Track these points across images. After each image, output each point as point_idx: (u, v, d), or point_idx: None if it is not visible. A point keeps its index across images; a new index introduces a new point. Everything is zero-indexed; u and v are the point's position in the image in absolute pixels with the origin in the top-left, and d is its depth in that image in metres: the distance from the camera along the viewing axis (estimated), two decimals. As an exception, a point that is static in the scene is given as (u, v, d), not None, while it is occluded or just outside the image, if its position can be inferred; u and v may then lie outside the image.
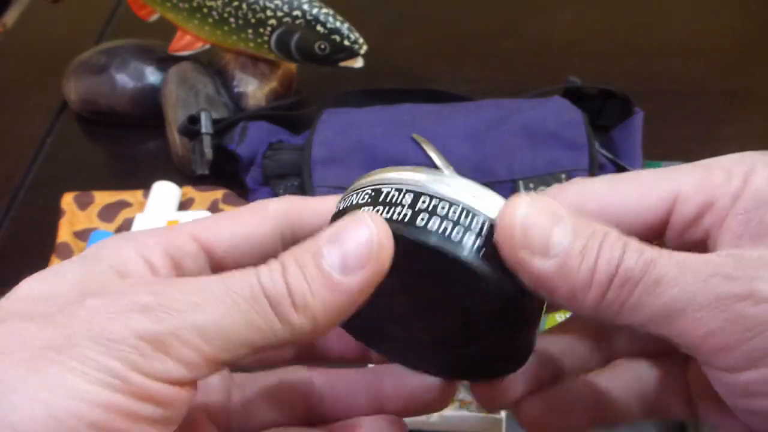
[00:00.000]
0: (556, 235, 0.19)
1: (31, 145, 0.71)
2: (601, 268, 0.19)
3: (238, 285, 0.19)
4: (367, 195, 0.21)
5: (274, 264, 0.19)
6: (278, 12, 0.60)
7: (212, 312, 0.18)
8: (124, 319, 0.17)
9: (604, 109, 0.66)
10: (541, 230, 0.19)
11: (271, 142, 0.61)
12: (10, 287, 0.51)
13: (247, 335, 0.18)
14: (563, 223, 0.19)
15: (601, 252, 0.19)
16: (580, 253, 0.19)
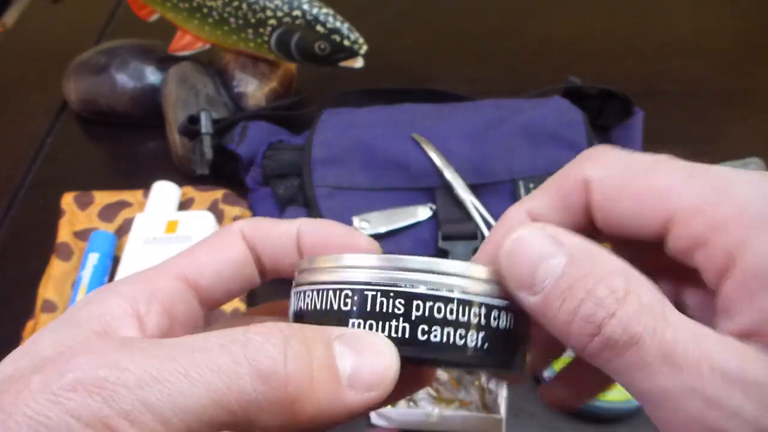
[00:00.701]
0: (545, 271, 0.18)
1: (31, 145, 0.71)
2: (578, 323, 0.18)
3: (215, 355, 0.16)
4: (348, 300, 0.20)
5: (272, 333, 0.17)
6: (278, 12, 0.60)
7: (173, 389, 0.16)
8: (68, 402, 0.15)
9: (604, 109, 0.66)
10: (531, 262, 0.18)
11: (271, 142, 0.61)
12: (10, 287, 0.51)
13: (213, 415, 0.16)
14: (558, 257, 0.18)
15: (584, 303, 0.17)
16: (565, 296, 0.18)
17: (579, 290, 0.18)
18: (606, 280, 0.18)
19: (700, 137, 0.68)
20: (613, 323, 0.17)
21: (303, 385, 0.17)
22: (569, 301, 0.18)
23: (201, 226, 0.57)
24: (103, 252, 0.57)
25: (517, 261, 0.19)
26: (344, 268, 0.20)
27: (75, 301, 0.53)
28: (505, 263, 0.19)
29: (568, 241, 0.19)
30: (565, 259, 0.18)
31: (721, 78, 0.74)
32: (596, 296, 0.17)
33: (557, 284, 0.18)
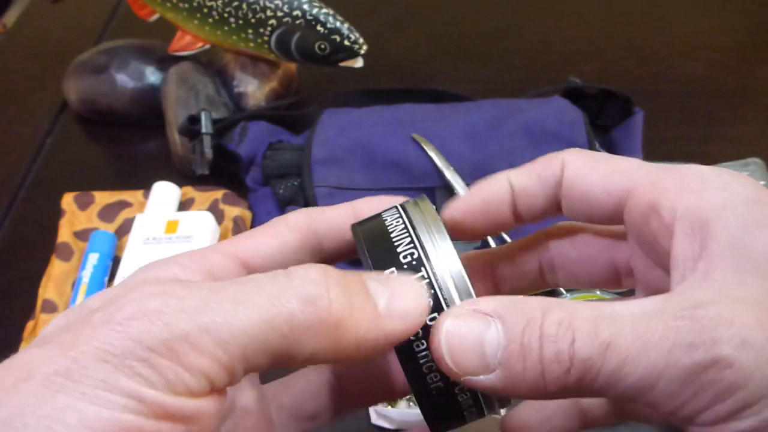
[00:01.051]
0: (488, 345, 0.18)
1: (31, 145, 0.71)
2: (551, 367, 0.18)
3: (263, 285, 0.18)
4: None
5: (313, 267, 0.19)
6: (278, 12, 0.60)
7: (227, 313, 0.17)
8: (130, 328, 0.16)
9: (604, 109, 0.66)
10: (470, 346, 0.18)
11: (271, 142, 0.61)
12: (10, 287, 0.51)
13: (268, 341, 0.17)
14: (492, 326, 0.18)
15: (543, 349, 0.18)
16: (520, 356, 0.18)
17: (531, 342, 0.18)
18: (546, 319, 0.18)
19: (700, 137, 0.67)
20: (579, 345, 0.18)
21: (345, 310, 0.18)
22: (529, 357, 0.18)
23: (201, 226, 0.57)
24: (103, 252, 0.57)
25: (459, 353, 0.19)
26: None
27: (75, 301, 0.53)
28: (451, 361, 0.19)
29: (490, 307, 0.19)
30: (500, 325, 0.18)
31: (721, 78, 0.74)
32: (549, 336, 0.18)
33: (508, 350, 0.18)
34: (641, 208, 0.21)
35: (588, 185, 0.23)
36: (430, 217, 0.22)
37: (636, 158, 0.23)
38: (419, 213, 0.22)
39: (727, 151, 0.64)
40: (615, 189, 0.22)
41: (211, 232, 0.57)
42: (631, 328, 0.18)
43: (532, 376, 0.18)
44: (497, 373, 0.18)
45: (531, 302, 0.19)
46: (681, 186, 0.21)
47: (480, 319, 0.19)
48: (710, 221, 0.19)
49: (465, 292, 0.20)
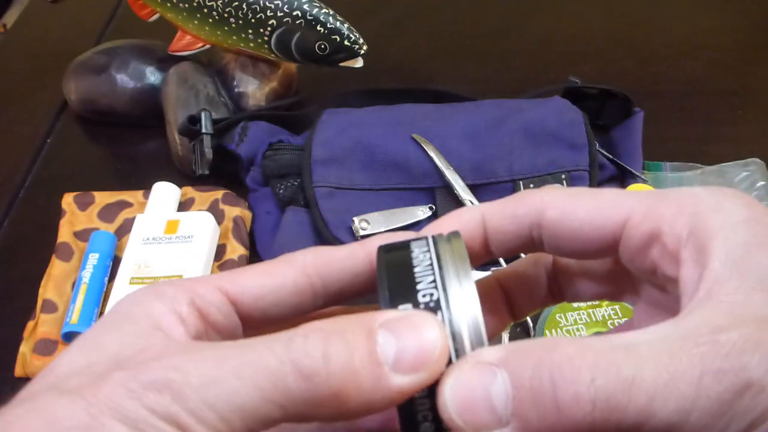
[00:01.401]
0: (496, 397, 0.17)
1: (31, 145, 0.71)
2: (570, 411, 0.17)
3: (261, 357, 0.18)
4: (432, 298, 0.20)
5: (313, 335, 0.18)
6: (278, 12, 0.60)
7: (228, 389, 0.17)
8: (144, 398, 0.17)
9: (604, 109, 0.66)
10: (478, 402, 0.17)
11: (271, 142, 0.61)
12: (10, 287, 0.51)
13: (266, 412, 0.17)
14: (498, 377, 0.17)
15: (558, 392, 0.17)
16: (532, 404, 0.17)
17: (542, 386, 0.17)
18: (555, 358, 0.17)
19: (700, 137, 0.67)
20: (600, 384, 0.17)
21: (346, 379, 0.17)
22: (541, 402, 0.17)
23: (201, 227, 0.57)
24: (103, 252, 0.57)
25: (467, 412, 0.18)
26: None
27: (75, 301, 0.53)
28: (460, 420, 0.18)
29: (493, 356, 0.18)
30: (506, 374, 0.17)
31: (721, 78, 0.74)
32: (562, 378, 0.17)
33: (517, 400, 0.17)
34: (640, 238, 0.21)
35: (576, 222, 0.22)
36: (458, 256, 0.21)
37: (615, 187, 0.22)
38: (449, 250, 0.21)
39: (727, 151, 0.64)
40: (608, 222, 0.22)
41: (211, 232, 0.57)
42: (654, 360, 0.17)
43: (549, 423, 0.17)
44: (512, 426, 0.17)
45: (536, 344, 0.18)
46: (678, 210, 0.20)
47: (484, 371, 0.17)
48: (709, 244, 0.19)
49: (478, 343, 0.19)
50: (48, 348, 0.52)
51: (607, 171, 0.60)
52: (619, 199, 0.22)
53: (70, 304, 0.54)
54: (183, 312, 0.21)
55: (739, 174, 0.61)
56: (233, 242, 0.58)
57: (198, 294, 0.22)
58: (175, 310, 0.21)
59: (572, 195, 0.22)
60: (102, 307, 0.55)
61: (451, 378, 0.18)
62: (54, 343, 0.52)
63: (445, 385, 0.18)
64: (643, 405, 0.16)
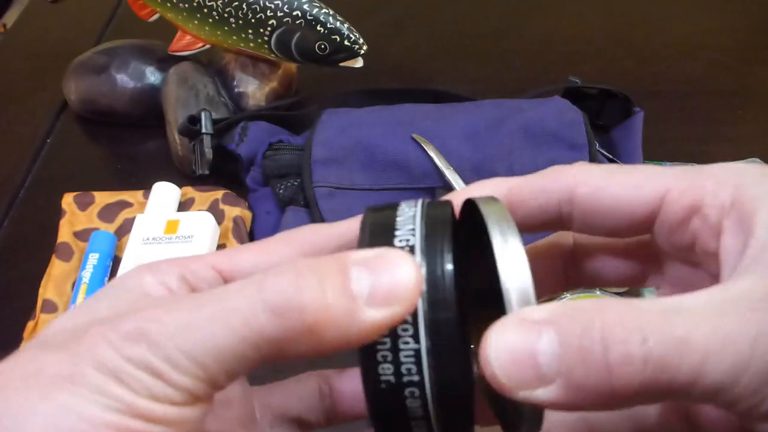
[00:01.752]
0: (542, 355, 0.17)
1: (31, 145, 0.71)
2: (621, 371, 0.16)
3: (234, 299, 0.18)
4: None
5: (285, 272, 0.18)
6: (278, 12, 0.60)
7: (202, 333, 0.17)
8: (121, 348, 0.18)
9: (604, 109, 0.66)
10: (523, 360, 0.17)
11: (271, 142, 0.61)
12: (10, 287, 0.51)
13: (241, 352, 0.18)
14: (544, 335, 0.17)
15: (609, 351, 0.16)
16: (581, 362, 0.16)
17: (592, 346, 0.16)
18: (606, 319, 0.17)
19: (700, 137, 0.67)
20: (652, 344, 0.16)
21: (319, 313, 0.17)
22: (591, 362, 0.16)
23: (201, 227, 0.57)
24: (103, 252, 0.57)
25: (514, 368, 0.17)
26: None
27: (75, 301, 0.53)
28: (503, 376, 0.17)
29: (540, 315, 0.17)
30: (553, 333, 0.17)
31: (721, 78, 0.74)
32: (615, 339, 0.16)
33: (564, 358, 0.17)
34: (679, 211, 0.21)
35: (611, 199, 0.22)
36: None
37: (639, 163, 0.22)
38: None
39: (727, 151, 0.64)
40: (645, 197, 0.21)
41: (211, 232, 0.57)
42: (707, 320, 0.17)
43: (597, 383, 0.16)
44: (558, 384, 0.17)
45: (586, 305, 0.17)
46: (719, 182, 0.21)
47: (531, 329, 0.17)
48: (754, 213, 0.19)
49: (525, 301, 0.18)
50: (48, 348, 0.52)
51: (607, 171, 0.60)
52: (655, 174, 0.22)
53: (70, 304, 0.54)
54: (173, 285, 0.21)
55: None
56: (233, 242, 0.58)
57: (190, 270, 0.22)
58: (165, 282, 0.21)
59: (606, 171, 0.22)
60: (102, 307, 0.55)
61: (494, 333, 0.17)
62: (54, 343, 0.52)
63: (487, 340, 0.17)
64: (696, 364, 0.16)
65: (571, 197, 0.22)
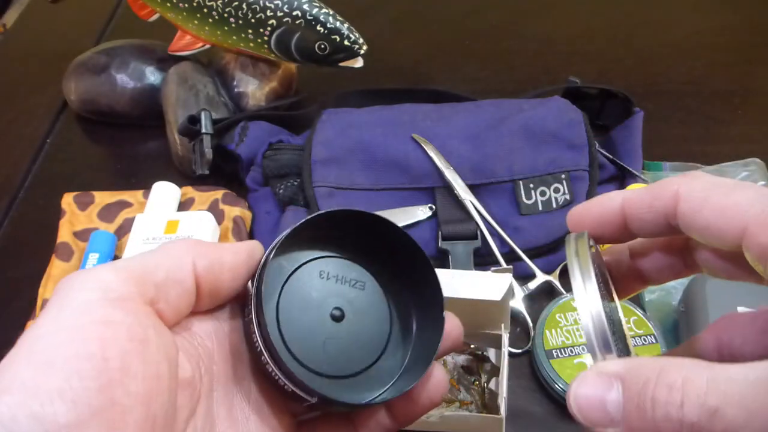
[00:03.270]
0: (610, 404, 0.21)
1: (31, 145, 0.71)
2: (663, 426, 0.19)
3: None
4: None
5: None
6: (278, 12, 0.60)
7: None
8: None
9: (604, 109, 0.66)
10: (595, 405, 0.21)
11: (271, 142, 0.61)
12: (10, 287, 0.51)
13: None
14: (614, 388, 0.21)
15: (656, 409, 0.20)
16: (637, 415, 0.20)
17: (645, 404, 0.20)
18: (659, 381, 0.20)
19: (700, 137, 0.68)
20: (687, 410, 0.19)
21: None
22: (644, 416, 0.20)
23: (201, 227, 0.57)
24: (103, 252, 0.57)
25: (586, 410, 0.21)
26: None
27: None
28: (581, 417, 0.21)
29: (613, 369, 0.21)
30: (620, 386, 0.21)
31: (721, 78, 0.74)
32: (660, 400, 0.19)
33: (626, 410, 0.20)
34: (756, 249, 0.22)
35: (703, 220, 0.23)
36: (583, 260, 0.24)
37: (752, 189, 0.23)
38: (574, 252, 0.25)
39: (727, 151, 0.64)
40: (729, 227, 0.23)
41: (211, 232, 0.57)
42: (740, 397, 0.18)
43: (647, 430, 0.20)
44: (622, 428, 0.21)
45: (650, 364, 0.20)
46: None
47: (603, 382, 0.21)
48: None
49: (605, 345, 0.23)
50: (48, 348, 0.52)
51: (607, 171, 0.60)
52: (744, 204, 0.22)
53: (70, 304, 0.54)
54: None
55: (739, 174, 0.61)
56: (233, 242, 0.58)
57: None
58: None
59: (705, 189, 0.24)
60: (102, 307, 0.55)
61: (576, 383, 0.22)
62: (54, 343, 0.52)
63: (571, 388, 0.22)
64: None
65: (675, 213, 0.24)
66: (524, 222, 0.56)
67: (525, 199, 0.57)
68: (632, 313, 0.51)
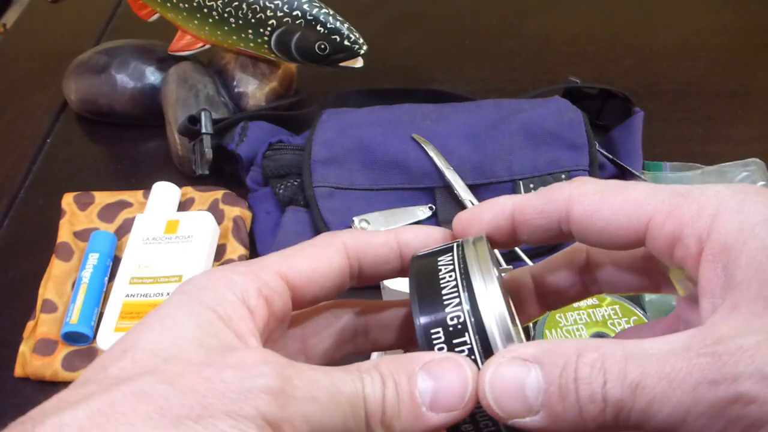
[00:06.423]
0: (529, 390, 0.20)
1: (31, 145, 0.71)
2: (587, 407, 0.19)
3: (346, 388, 0.20)
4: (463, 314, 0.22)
5: (375, 375, 0.21)
6: (278, 12, 0.60)
7: (322, 408, 0.19)
8: (255, 399, 0.19)
9: (604, 109, 0.66)
10: (513, 392, 0.20)
11: (271, 142, 0.61)
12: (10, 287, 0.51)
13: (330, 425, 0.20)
14: (531, 372, 0.20)
15: (579, 391, 0.19)
16: (559, 398, 0.19)
17: (568, 384, 0.19)
18: (580, 362, 0.19)
19: (700, 137, 0.67)
20: (610, 388, 0.19)
21: (393, 415, 0.20)
22: (567, 398, 0.19)
23: (201, 227, 0.57)
24: (103, 252, 0.57)
25: (503, 399, 0.20)
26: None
27: (75, 300, 0.53)
28: (496, 406, 0.20)
29: (529, 353, 0.20)
30: (539, 370, 0.20)
31: (721, 78, 0.74)
32: (583, 379, 0.19)
33: (547, 394, 0.19)
34: (663, 239, 0.22)
35: (601, 220, 0.23)
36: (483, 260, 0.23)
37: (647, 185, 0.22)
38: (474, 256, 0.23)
39: (727, 151, 0.64)
40: (631, 222, 0.22)
41: (211, 232, 0.57)
42: (658, 368, 0.19)
43: (572, 416, 0.19)
44: (541, 415, 0.20)
45: (567, 345, 0.20)
46: (698, 212, 0.21)
47: (520, 365, 0.20)
48: (730, 247, 0.20)
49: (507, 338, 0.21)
50: (48, 348, 0.52)
51: (607, 171, 0.60)
52: (643, 198, 0.22)
53: (70, 304, 0.54)
54: (252, 303, 0.22)
55: (739, 174, 0.61)
56: (233, 242, 0.58)
57: (264, 283, 0.23)
58: (246, 301, 0.22)
59: (599, 191, 0.23)
60: (102, 307, 0.55)
61: (490, 369, 0.20)
62: (54, 343, 0.52)
63: (484, 375, 0.20)
64: (643, 407, 0.18)
65: (568, 218, 0.24)
66: (524, 222, 0.56)
67: (525, 199, 0.57)
68: (632, 313, 0.51)
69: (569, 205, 0.23)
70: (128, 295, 0.54)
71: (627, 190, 0.22)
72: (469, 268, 0.22)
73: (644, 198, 0.22)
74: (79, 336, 0.52)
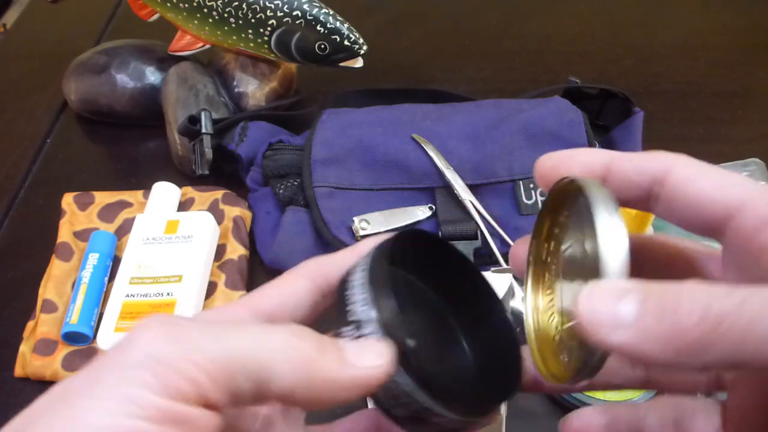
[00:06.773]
0: (623, 310, 0.20)
1: (31, 145, 0.71)
2: (684, 319, 0.19)
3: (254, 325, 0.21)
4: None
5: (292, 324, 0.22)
6: (278, 12, 0.60)
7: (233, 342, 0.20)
8: (147, 346, 0.19)
9: (604, 109, 0.66)
10: (605, 311, 0.20)
11: (271, 142, 0.61)
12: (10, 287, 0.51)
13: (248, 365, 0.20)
14: (629, 296, 0.20)
15: (681, 304, 0.19)
16: (658, 312, 0.19)
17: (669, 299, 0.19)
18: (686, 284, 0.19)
19: (700, 137, 0.68)
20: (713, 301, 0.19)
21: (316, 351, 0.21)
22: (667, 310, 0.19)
23: (201, 227, 0.57)
24: (103, 252, 0.57)
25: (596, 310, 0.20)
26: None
27: (75, 300, 0.53)
28: (586, 321, 0.20)
29: (626, 284, 0.20)
30: (636, 293, 0.20)
31: (721, 78, 0.74)
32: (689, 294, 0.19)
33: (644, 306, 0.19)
34: (753, 222, 0.22)
35: (698, 190, 0.23)
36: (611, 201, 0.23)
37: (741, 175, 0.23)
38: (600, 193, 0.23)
39: (727, 151, 0.64)
40: (727, 199, 0.22)
41: (211, 232, 0.57)
42: (762, 294, 0.18)
43: (664, 330, 0.19)
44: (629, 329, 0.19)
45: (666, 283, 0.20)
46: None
47: (618, 290, 0.20)
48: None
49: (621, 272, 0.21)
50: (48, 348, 0.52)
51: (607, 171, 0.60)
52: (741, 181, 0.23)
53: (70, 304, 0.54)
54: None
55: (739, 174, 0.61)
56: (233, 242, 0.58)
57: (234, 316, 0.25)
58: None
59: (701, 166, 0.23)
60: (102, 307, 0.55)
61: (587, 290, 0.20)
62: (54, 343, 0.52)
63: (580, 297, 0.20)
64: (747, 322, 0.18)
65: (664, 179, 0.24)
66: (524, 222, 0.56)
67: (525, 199, 0.57)
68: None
69: (670, 168, 0.24)
70: (128, 295, 0.54)
71: (725, 172, 0.23)
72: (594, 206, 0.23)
73: (742, 181, 0.23)
74: (79, 336, 0.52)
